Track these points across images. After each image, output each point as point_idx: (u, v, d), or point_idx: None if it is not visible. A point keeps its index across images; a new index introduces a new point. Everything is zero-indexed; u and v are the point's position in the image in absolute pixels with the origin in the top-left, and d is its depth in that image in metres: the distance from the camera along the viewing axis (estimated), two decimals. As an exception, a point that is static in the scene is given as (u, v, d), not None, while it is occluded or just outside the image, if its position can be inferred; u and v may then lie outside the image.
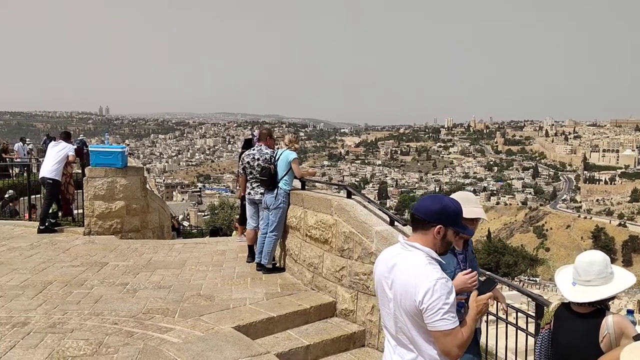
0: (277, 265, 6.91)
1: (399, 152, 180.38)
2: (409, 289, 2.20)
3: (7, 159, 18.37)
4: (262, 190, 6.91)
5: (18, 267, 6.83)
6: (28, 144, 22.44)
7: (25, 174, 13.29)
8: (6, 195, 12.60)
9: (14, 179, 15.16)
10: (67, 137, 10.16)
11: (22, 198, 12.44)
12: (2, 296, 5.55)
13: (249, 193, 7.14)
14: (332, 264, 5.63)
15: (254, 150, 7.17)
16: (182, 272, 6.76)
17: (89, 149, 10.11)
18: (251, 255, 7.24)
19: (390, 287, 2.33)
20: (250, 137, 9.47)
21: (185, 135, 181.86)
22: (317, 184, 7.45)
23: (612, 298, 2.79)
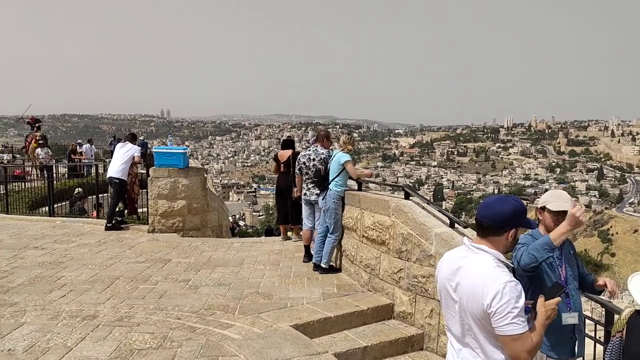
0: (334, 265, 6.93)
1: (455, 153, 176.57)
2: (476, 292, 2.16)
3: (76, 160, 19.40)
4: (318, 191, 6.99)
5: (87, 263, 7.19)
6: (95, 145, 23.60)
7: (92, 174, 14.01)
8: (75, 193, 13.33)
9: (82, 179, 15.98)
10: (133, 138, 10.60)
11: (90, 197, 13.11)
12: (73, 290, 5.86)
13: (305, 193, 7.25)
14: (389, 265, 5.58)
15: (310, 150, 7.25)
16: (240, 270, 6.90)
17: (153, 150, 10.51)
18: (307, 255, 7.32)
19: (454, 290, 2.29)
20: (288, 138, 9.69)
21: (241, 136, 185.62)
22: (371, 185, 7.40)
23: None
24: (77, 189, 13.60)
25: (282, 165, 8.77)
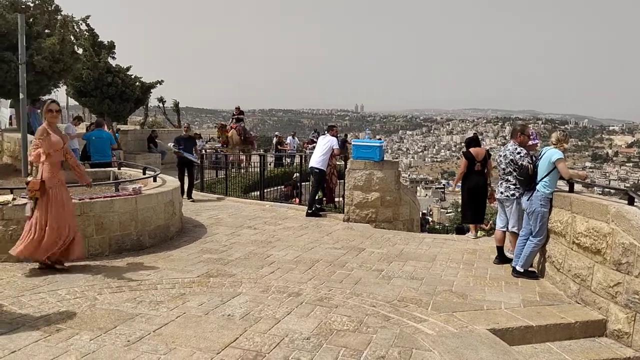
0: (534, 271, 6.44)
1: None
2: None
3: (282, 150, 21.30)
4: (502, 189, 6.73)
5: (292, 245, 7.85)
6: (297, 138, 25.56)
7: (295, 164, 15.24)
8: (294, 177, 14.74)
9: (286, 167, 17.50)
10: (330, 129, 11.23)
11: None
12: (280, 268, 6.46)
13: (499, 192, 6.96)
14: (604, 277, 4.98)
15: (506, 146, 6.90)
16: (433, 266, 6.84)
17: (351, 142, 11.01)
18: (499, 257, 6.97)
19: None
20: (475, 135, 9.33)
21: (432, 131, 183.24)
22: (577, 186, 6.67)
23: None
24: (295, 174, 15.06)
25: (477, 163, 8.54)
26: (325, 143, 10.61)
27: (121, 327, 4.33)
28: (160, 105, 31.68)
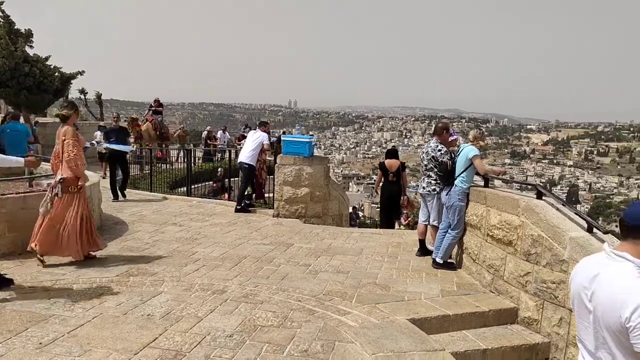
0: (453, 262, 6.73)
1: (595, 152, 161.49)
2: (614, 304, 1.96)
3: (211, 145, 20.91)
4: (424, 184, 6.96)
5: (218, 241, 7.73)
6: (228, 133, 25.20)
7: (225, 159, 15.06)
8: (217, 173, 14.56)
9: (216, 163, 17.22)
10: (261, 125, 11.17)
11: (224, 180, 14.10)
12: (205, 265, 6.34)
13: (418, 186, 7.28)
14: (515, 267, 5.29)
15: (429, 144, 7.16)
16: (359, 259, 6.98)
17: (282, 138, 11.00)
18: (421, 250, 7.23)
19: (590, 299, 2.10)
20: (393, 148, 10.07)
21: (363, 128, 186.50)
22: (496, 182, 7.05)
23: None
24: (219, 169, 14.87)
25: (391, 174, 9.53)
26: (256, 139, 10.53)
27: (33, 329, 4.11)
28: (82, 97, 30.19)
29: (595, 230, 4.63)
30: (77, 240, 6.05)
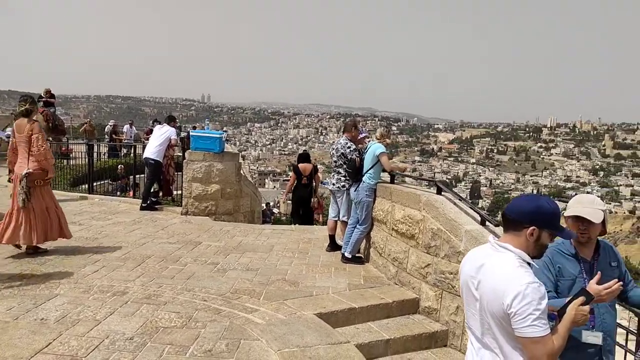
0: (361, 257, 6.90)
1: (495, 151, 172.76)
2: (497, 292, 2.09)
3: (117, 140, 19.91)
4: (334, 181, 7.06)
5: (121, 241, 7.37)
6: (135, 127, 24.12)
7: (131, 155, 14.40)
8: (118, 170, 13.89)
9: (122, 158, 16.44)
10: (170, 120, 10.79)
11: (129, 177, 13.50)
12: (105, 266, 6.02)
13: (328, 183, 7.45)
14: (417, 260, 5.51)
15: (338, 140, 7.28)
16: (269, 256, 6.95)
17: (190, 133, 10.69)
18: (331, 245, 7.35)
19: (476, 288, 2.23)
20: (305, 152, 10.38)
21: (279, 125, 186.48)
22: (406, 178, 7.32)
23: None
24: (119, 166, 14.20)
25: (304, 177, 9.75)
26: (163, 133, 10.15)
27: None
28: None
29: (487, 223, 4.93)
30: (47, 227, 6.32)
